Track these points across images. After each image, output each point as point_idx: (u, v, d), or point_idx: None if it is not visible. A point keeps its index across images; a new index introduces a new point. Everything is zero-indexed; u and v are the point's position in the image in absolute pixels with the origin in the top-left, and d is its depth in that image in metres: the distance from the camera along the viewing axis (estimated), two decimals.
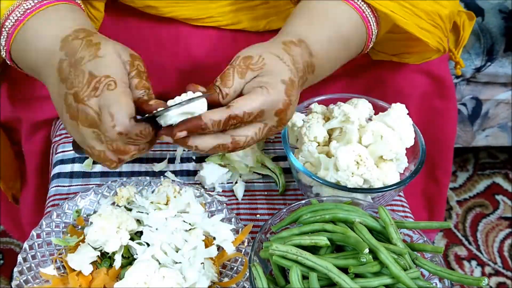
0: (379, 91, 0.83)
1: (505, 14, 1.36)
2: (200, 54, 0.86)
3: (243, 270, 0.67)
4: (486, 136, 1.57)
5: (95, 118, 0.56)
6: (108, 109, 0.55)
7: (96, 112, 0.56)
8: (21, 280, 0.65)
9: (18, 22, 0.63)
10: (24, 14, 0.63)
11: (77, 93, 0.57)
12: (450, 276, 0.60)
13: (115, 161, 0.58)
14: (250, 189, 0.81)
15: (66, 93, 0.58)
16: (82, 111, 0.56)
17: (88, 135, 0.57)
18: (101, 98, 0.56)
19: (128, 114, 0.55)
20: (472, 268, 1.50)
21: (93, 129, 0.57)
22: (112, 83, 0.56)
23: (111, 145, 0.57)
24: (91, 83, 0.56)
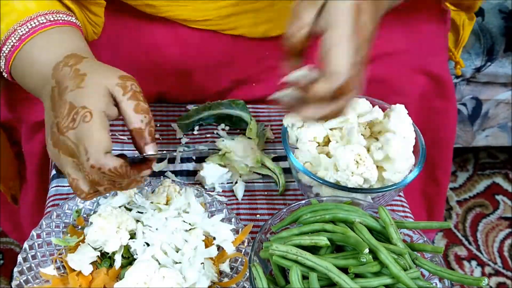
0: (379, 91, 0.83)
1: (505, 14, 1.36)
2: (197, 55, 0.86)
3: (243, 270, 0.67)
4: (486, 136, 1.57)
5: (74, 149, 0.56)
6: (82, 142, 0.55)
7: (74, 143, 0.56)
8: (21, 280, 0.65)
9: (14, 48, 0.65)
10: (20, 40, 0.64)
11: (58, 123, 0.57)
12: (450, 276, 0.60)
13: (85, 191, 0.58)
14: (250, 189, 0.81)
15: (53, 121, 0.59)
16: (62, 141, 0.57)
17: (67, 163, 0.58)
18: (78, 131, 0.56)
19: (102, 148, 0.55)
20: (472, 268, 1.50)
21: (73, 158, 0.57)
22: (88, 115, 0.55)
23: (88, 176, 0.57)
24: (70, 114, 0.56)
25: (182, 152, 0.84)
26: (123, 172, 0.56)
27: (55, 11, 0.67)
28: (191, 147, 0.86)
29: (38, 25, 0.65)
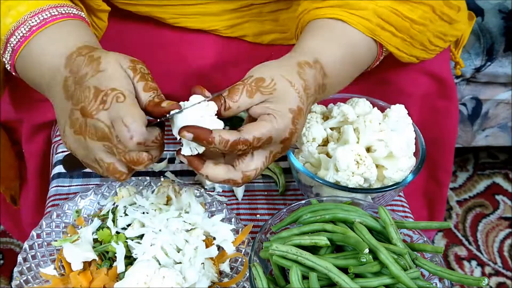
0: (381, 92, 0.84)
1: (504, 14, 1.36)
2: (203, 58, 0.87)
3: (243, 270, 0.67)
4: (486, 136, 1.57)
5: (106, 131, 0.56)
6: (122, 121, 0.55)
7: (107, 125, 0.56)
8: (21, 280, 0.65)
9: (24, 39, 0.63)
10: (30, 31, 0.63)
11: (84, 108, 0.57)
12: (450, 276, 0.60)
13: (125, 172, 0.59)
14: (250, 189, 0.81)
15: (72, 109, 0.58)
16: (91, 125, 0.56)
17: (97, 148, 0.58)
18: (111, 111, 0.56)
19: (142, 123, 0.56)
20: (472, 268, 1.50)
21: (103, 142, 0.57)
22: (121, 95, 0.56)
23: (124, 157, 0.57)
24: (98, 96, 0.56)
25: None
26: (160, 138, 0.58)
27: (66, 5, 0.66)
28: None
29: (50, 16, 0.64)
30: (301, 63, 0.63)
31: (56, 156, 0.84)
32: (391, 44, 0.72)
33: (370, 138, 0.70)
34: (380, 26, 0.70)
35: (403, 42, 0.74)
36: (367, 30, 0.70)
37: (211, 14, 0.82)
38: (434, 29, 0.77)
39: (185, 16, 0.82)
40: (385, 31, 0.71)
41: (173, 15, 0.82)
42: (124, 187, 0.73)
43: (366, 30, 0.69)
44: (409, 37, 0.74)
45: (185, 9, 0.82)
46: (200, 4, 0.81)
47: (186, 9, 0.82)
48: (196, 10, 0.82)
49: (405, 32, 0.73)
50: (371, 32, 0.70)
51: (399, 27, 0.72)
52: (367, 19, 0.69)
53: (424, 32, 0.75)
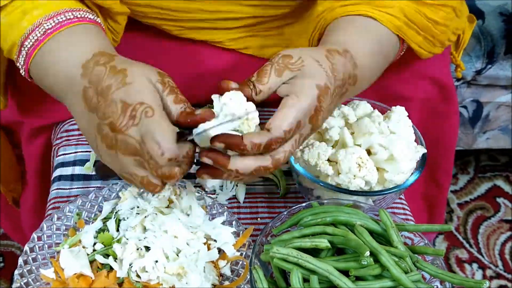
0: (381, 96, 0.84)
1: (505, 16, 1.36)
2: (204, 64, 0.87)
3: (244, 273, 0.67)
4: (487, 139, 1.57)
5: (137, 147, 0.55)
6: (152, 137, 0.54)
7: (137, 141, 0.55)
8: (22, 282, 0.65)
9: (38, 42, 0.63)
10: (45, 34, 0.62)
11: (113, 124, 0.55)
12: (451, 279, 0.60)
13: (159, 185, 0.57)
14: (251, 192, 0.81)
15: (100, 124, 0.57)
16: (122, 141, 0.55)
17: (129, 163, 0.56)
18: (141, 127, 0.54)
19: (173, 139, 0.54)
20: (473, 271, 1.49)
21: (134, 157, 0.56)
22: (149, 110, 0.55)
23: (156, 172, 0.56)
24: (126, 111, 0.55)
25: None
26: (191, 153, 0.56)
27: (82, 9, 0.66)
28: None
29: (65, 20, 0.63)
30: (330, 49, 0.62)
31: (56, 158, 0.84)
32: (414, 42, 0.73)
33: (371, 140, 0.70)
34: (406, 24, 0.71)
35: (425, 40, 0.75)
36: (395, 27, 0.70)
37: (215, 28, 0.83)
38: (453, 27, 0.79)
39: (192, 30, 0.83)
40: (410, 29, 0.72)
41: (179, 28, 0.83)
42: (125, 190, 0.73)
43: (393, 27, 0.70)
44: (431, 36, 0.75)
45: (192, 24, 0.82)
46: (209, 20, 0.81)
47: (194, 24, 0.82)
48: (203, 25, 0.82)
49: (428, 32, 0.74)
50: (398, 29, 0.71)
51: (422, 26, 0.73)
52: (395, 16, 0.70)
53: (446, 32, 0.77)
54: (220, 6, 0.79)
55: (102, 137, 0.57)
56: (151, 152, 0.54)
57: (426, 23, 0.73)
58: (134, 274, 0.63)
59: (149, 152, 0.54)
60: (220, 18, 0.81)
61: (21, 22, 0.64)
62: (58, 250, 0.67)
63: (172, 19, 0.81)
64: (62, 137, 0.86)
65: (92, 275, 0.64)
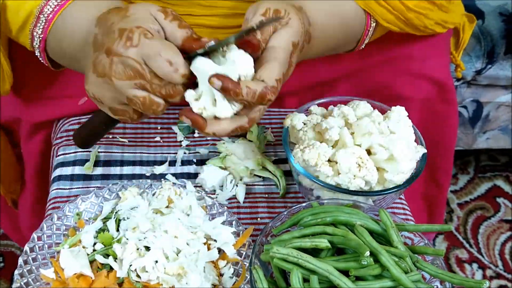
0: (381, 96, 0.84)
1: (505, 16, 1.36)
2: None
3: (243, 273, 0.67)
4: (487, 139, 1.57)
5: (138, 68, 0.55)
6: (161, 55, 0.54)
7: (138, 62, 0.55)
8: (22, 282, 0.65)
9: (59, 7, 0.63)
10: None
11: (109, 48, 0.56)
12: (451, 279, 0.60)
13: (162, 103, 0.57)
14: (251, 192, 0.81)
15: (97, 54, 0.57)
16: (118, 63, 0.55)
17: (127, 86, 0.56)
18: (141, 47, 0.55)
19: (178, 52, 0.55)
20: (473, 271, 1.49)
21: (134, 80, 0.56)
22: (147, 32, 0.56)
23: (159, 92, 0.56)
24: (123, 35, 0.55)
25: (183, 155, 0.84)
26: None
27: None
28: (192, 149, 0.86)
29: None
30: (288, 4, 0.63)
31: (56, 158, 0.84)
32: (384, 19, 0.74)
33: (371, 140, 0.70)
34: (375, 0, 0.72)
35: (398, 20, 0.76)
36: (362, 2, 0.71)
37: (215, 27, 0.83)
38: (436, 17, 0.79)
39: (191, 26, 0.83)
40: (380, 6, 0.73)
41: None
42: (126, 190, 0.73)
43: (361, 2, 0.71)
44: (404, 18, 0.76)
45: (190, 19, 0.81)
46: (206, 16, 0.81)
47: (191, 20, 0.81)
48: (201, 22, 0.82)
49: (401, 13, 0.75)
50: (366, 5, 0.72)
51: (394, 6, 0.74)
52: None
53: (421, 19, 0.78)
54: (218, 1, 0.79)
55: (94, 66, 0.57)
56: (161, 71, 0.54)
57: (399, 5, 0.74)
58: (134, 274, 0.63)
59: (155, 71, 0.55)
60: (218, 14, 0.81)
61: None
62: (58, 250, 0.67)
63: None
64: (62, 137, 0.86)
65: (92, 275, 0.64)
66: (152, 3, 0.79)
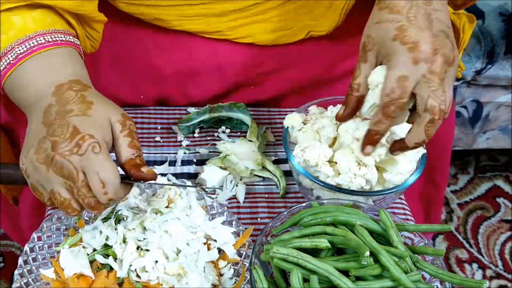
0: None
1: (505, 16, 1.36)
2: (198, 59, 0.87)
3: (243, 273, 0.67)
4: (486, 139, 1.57)
5: (73, 174, 0.56)
6: (98, 175, 0.56)
7: (75, 168, 0.56)
8: (22, 282, 0.65)
9: (10, 66, 0.63)
10: (17, 59, 0.63)
11: (56, 143, 0.57)
12: (451, 279, 0.60)
13: (77, 209, 0.59)
14: (251, 192, 0.81)
15: (45, 138, 0.58)
16: (59, 162, 0.56)
17: (57, 182, 0.58)
18: (85, 159, 0.56)
19: (118, 181, 0.57)
20: (473, 271, 1.49)
21: (66, 180, 0.57)
22: (97, 146, 0.57)
23: (82, 200, 0.57)
24: (74, 138, 0.56)
25: (183, 155, 0.84)
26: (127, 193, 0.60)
27: (54, 31, 0.66)
28: (192, 149, 0.86)
29: (37, 45, 0.64)
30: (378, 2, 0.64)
31: None
32: None
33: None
34: None
35: None
36: None
37: (214, 15, 0.82)
38: None
39: (188, 18, 0.82)
40: None
41: (177, 17, 0.82)
42: None
43: None
44: None
45: (188, 10, 0.82)
46: (203, 4, 0.81)
47: (189, 10, 0.82)
48: (199, 11, 0.82)
49: None
50: None
51: None
52: None
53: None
54: None
55: (38, 149, 0.58)
56: (94, 189, 0.56)
57: None
58: (134, 274, 0.63)
59: (83, 181, 0.56)
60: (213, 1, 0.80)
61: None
62: (58, 250, 0.67)
63: (167, 5, 0.80)
64: None
65: (92, 275, 0.64)
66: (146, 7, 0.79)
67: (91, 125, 0.58)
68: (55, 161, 0.57)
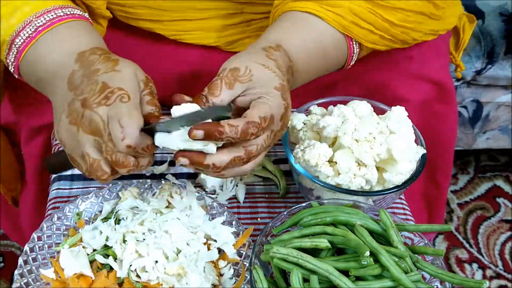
0: (380, 97, 0.84)
1: (505, 16, 1.36)
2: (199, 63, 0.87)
3: (243, 273, 0.67)
4: (487, 139, 1.57)
5: (100, 126, 0.56)
6: (119, 121, 0.55)
7: (102, 120, 0.56)
8: (22, 282, 0.65)
9: (30, 39, 0.63)
10: (36, 31, 0.63)
11: (86, 99, 0.57)
12: (451, 279, 0.60)
13: (107, 172, 0.58)
14: (251, 192, 0.81)
15: (74, 99, 0.58)
16: (88, 116, 0.56)
17: (87, 141, 0.57)
18: (112, 108, 0.56)
19: (138, 127, 0.56)
20: (473, 271, 1.49)
21: (95, 136, 0.57)
22: (126, 96, 0.57)
23: (110, 156, 0.56)
24: (103, 91, 0.57)
25: None
26: (151, 148, 0.58)
27: (70, 6, 0.66)
28: None
29: (56, 17, 0.64)
30: (265, 47, 0.64)
31: None
32: (368, 41, 0.73)
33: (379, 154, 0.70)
34: (355, 23, 0.71)
35: (382, 39, 0.75)
36: (341, 26, 0.71)
37: (212, 30, 0.83)
38: (426, 29, 0.78)
39: (186, 32, 0.83)
40: (361, 28, 0.72)
41: (175, 32, 0.83)
42: (126, 190, 0.73)
43: (339, 26, 0.70)
44: (390, 35, 0.75)
45: (185, 24, 0.82)
46: (201, 19, 0.81)
47: (187, 24, 0.82)
48: (196, 26, 0.82)
49: (385, 32, 0.74)
50: (344, 29, 0.71)
51: (378, 26, 0.73)
52: (341, 15, 0.70)
53: (408, 34, 0.76)
54: (211, 3, 0.79)
55: (70, 111, 0.58)
56: (112, 134, 0.55)
57: (382, 23, 0.73)
58: (134, 274, 0.63)
59: (110, 133, 0.55)
60: (212, 16, 0.81)
61: (10, 19, 0.64)
62: (58, 250, 0.67)
63: (165, 20, 0.81)
64: None
65: (92, 275, 0.64)
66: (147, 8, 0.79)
67: (120, 79, 0.58)
68: (84, 116, 0.56)
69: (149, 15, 0.80)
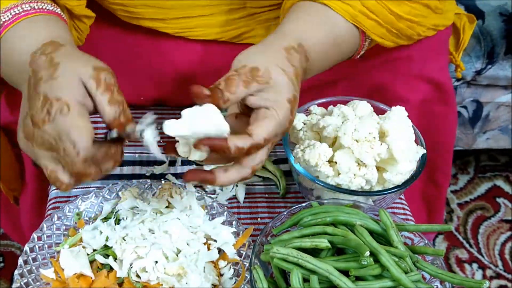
0: (379, 97, 0.84)
1: (505, 16, 1.36)
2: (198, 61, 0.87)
3: (243, 273, 0.67)
4: (486, 139, 1.57)
5: (53, 143, 0.55)
6: (67, 136, 0.54)
7: (53, 137, 0.55)
8: (22, 282, 0.65)
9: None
10: (2, 27, 0.62)
11: (33, 116, 0.56)
12: (451, 279, 0.60)
13: (65, 182, 0.57)
14: (251, 192, 0.81)
15: (27, 113, 0.57)
16: (39, 136, 0.55)
17: (43, 156, 0.57)
18: (56, 123, 0.54)
19: (88, 138, 0.55)
20: (473, 271, 1.50)
21: (50, 152, 0.56)
22: (65, 107, 0.54)
23: (71, 169, 0.56)
24: (44, 106, 0.55)
25: None
26: (112, 153, 0.57)
27: (44, 1, 0.64)
28: None
29: (22, 12, 0.62)
30: (287, 48, 0.62)
31: None
32: (375, 33, 0.73)
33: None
34: (364, 13, 0.70)
35: (389, 33, 0.74)
36: (350, 16, 0.70)
37: (215, 25, 0.82)
38: (429, 23, 0.78)
39: (189, 29, 0.82)
40: (369, 19, 0.71)
41: (178, 29, 0.82)
42: (126, 190, 0.73)
43: (348, 16, 0.69)
44: (396, 29, 0.74)
45: (189, 22, 0.81)
46: (204, 16, 0.81)
47: (190, 22, 0.81)
48: (200, 23, 0.82)
49: (391, 25, 0.73)
50: (353, 19, 0.70)
51: (384, 18, 0.72)
52: (350, 5, 0.69)
53: (414, 28, 0.76)
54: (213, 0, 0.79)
55: (24, 126, 0.57)
56: (66, 151, 0.54)
57: (389, 15, 0.72)
58: (134, 274, 0.63)
59: (65, 149, 0.54)
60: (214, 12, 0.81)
61: None
62: (58, 250, 0.67)
63: (168, 18, 0.80)
64: None
65: (92, 275, 0.64)
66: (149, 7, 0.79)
67: (58, 88, 0.55)
68: (36, 134, 0.56)
69: (152, 14, 0.80)
